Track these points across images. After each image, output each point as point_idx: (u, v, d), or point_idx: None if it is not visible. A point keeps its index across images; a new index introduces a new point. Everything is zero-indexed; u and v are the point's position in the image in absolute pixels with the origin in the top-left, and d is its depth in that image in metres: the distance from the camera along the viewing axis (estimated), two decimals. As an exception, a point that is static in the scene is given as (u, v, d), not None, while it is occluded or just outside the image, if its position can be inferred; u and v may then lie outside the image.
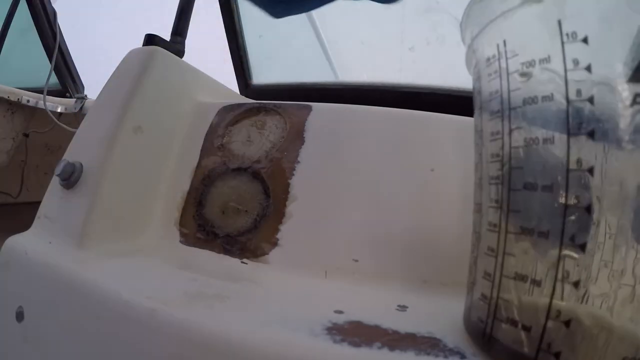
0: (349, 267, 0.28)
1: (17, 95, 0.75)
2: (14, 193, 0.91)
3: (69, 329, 0.24)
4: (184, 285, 0.24)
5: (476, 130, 0.19)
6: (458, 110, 0.31)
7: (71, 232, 0.28)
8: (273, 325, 0.20)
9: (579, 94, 0.14)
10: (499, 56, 0.17)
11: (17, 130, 0.80)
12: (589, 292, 0.14)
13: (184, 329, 0.20)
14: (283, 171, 0.32)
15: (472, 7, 0.19)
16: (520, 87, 0.16)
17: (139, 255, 0.29)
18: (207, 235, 0.32)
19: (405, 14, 0.69)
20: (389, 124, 0.32)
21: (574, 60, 0.14)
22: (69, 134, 0.35)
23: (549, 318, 0.14)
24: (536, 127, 0.15)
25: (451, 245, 0.27)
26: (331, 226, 0.30)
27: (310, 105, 0.35)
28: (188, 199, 0.34)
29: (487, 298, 0.17)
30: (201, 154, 0.36)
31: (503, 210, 0.16)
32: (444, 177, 0.29)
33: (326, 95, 0.42)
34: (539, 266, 0.15)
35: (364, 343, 0.18)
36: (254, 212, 0.32)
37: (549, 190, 0.14)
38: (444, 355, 0.17)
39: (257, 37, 0.67)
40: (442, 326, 0.20)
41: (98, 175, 0.29)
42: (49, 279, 0.26)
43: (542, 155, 0.15)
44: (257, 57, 0.65)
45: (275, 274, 0.28)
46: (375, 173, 0.30)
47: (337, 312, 0.21)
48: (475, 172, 0.20)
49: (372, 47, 0.78)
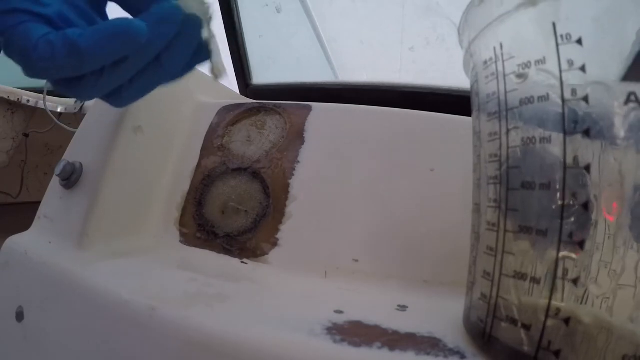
0: (349, 267, 0.28)
1: (17, 95, 0.75)
2: (14, 193, 0.91)
3: (69, 328, 0.24)
4: (184, 285, 0.24)
5: (475, 132, 0.20)
6: (458, 110, 0.31)
7: (71, 232, 0.28)
8: (273, 325, 0.20)
9: (574, 94, 0.14)
10: (496, 59, 0.17)
11: (17, 130, 0.80)
12: (588, 291, 0.14)
13: (183, 329, 0.20)
14: (283, 171, 0.32)
15: (469, 11, 0.19)
16: (517, 88, 0.16)
17: (139, 255, 0.29)
18: (207, 235, 0.32)
19: (405, 14, 0.69)
20: (389, 124, 0.32)
21: (568, 61, 0.14)
22: (69, 134, 0.35)
23: (549, 316, 0.14)
24: (533, 127, 0.15)
25: (451, 245, 0.27)
26: (331, 226, 0.30)
27: (310, 105, 0.35)
28: (188, 199, 0.34)
29: (486, 297, 0.17)
30: (201, 154, 0.36)
31: (502, 209, 0.16)
32: (444, 177, 0.29)
33: (326, 95, 0.42)
34: (538, 264, 0.15)
35: (364, 343, 0.18)
36: (254, 212, 0.32)
37: (547, 188, 0.15)
38: (444, 355, 0.17)
39: (257, 37, 0.67)
40: (442, 326, 0.20)
41: (98, 175, 0.30)
42: (48, 279, 0.26)
43: (539, 155, 0.15)
44: (257, 57, 0.65)
45: (275, 274, 0.28)
46: (375, 173, 0.30)
47: (337, 312, 0.21)
48: (474, 172, 0.20)
49: (372, 47, 0.78)
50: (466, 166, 0.21)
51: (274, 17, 0.76)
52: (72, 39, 0.19)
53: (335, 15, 0.84)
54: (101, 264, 0.26)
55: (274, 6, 0.75)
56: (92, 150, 0.31)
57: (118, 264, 0.27)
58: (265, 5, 0.73)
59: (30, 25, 0.19)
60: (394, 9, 0.70)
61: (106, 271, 0.26)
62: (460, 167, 0.28)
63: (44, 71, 0.20)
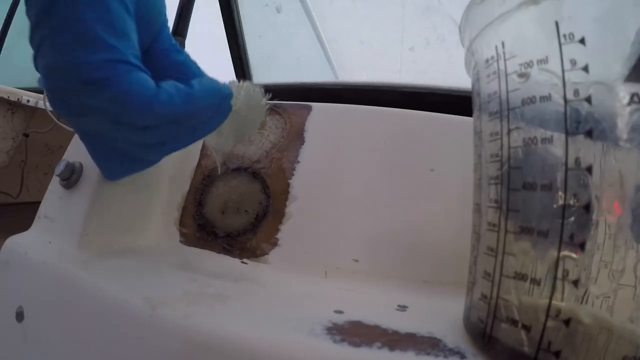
0: (349, 267, 0.28)
1: (17, 95, 0.75)
2: (14, 193, 0.91)
3: (69, 329, 0.24)
4: (184, 285, 0.24)
5: (475, 131, 0.20)
6: (458, 110, 0.31)
7: (71, 232, 0.28)
8: (273, 325, 0.20)
9: (577, 94, 0.14)
10: (498, 57, 0.17)
11: (17, 130, 0.80)
12: (588, 291, 0.14)
13: (183, 329, 0.20)
14: (283, 171, 0.32)
15: (470, 9, 0.19)
16: (519, 87, 0.16)
17: (139, 255, 0.29)
18: (207, 235, 0.32)
19: (405, 14, 0.69)
20: (389, 124, 0.32)
21: (571, 61, 0.14)
22: (69, 134, 0.35)
23: (549, 317, 0.14)
24: (534, 127, 0.15)
25: (451, 245, 0.27)
26: (331, 226, 0.30)
27: (310, 105, 0.35)
28: (188, 198, 0.34)
29: (487, 298, 0.17)
30: (201, 153, 0.36)
31: (502, 210, 0.16)
32: (444, 177, 0.29)
33: (326, 95, 0.42)
34: (539, 265, 0.15)
35: (364, 343, 0.18)
36: (254, 212, 0.32)
37: (548, 189, 0.15)
38: (444, 355, 0.17)
39: (257, 37, 0.67)
40: (442, 326, 0.20)
41: (98, 175, 0.29)
42: (48, 279, 0.26)
43: (541, 155, 0.15)
44: (257, 57, 0.65)
45: (275, 274, 0.28)
46: (375, 173, 0.30)
47: (337, 312, 0.21)
48: (475, 172, 0.20)
49: (372, 47, 0.78)
50: (466, 166, 0.21)
51: (274, 17, 0.76)
52: (184, 89, 0.21)
53: (335, 15, 0.84)
54: (101, 264, 0.26)
55: (274, 6, 0.75)
56: (92, 150, 0.31)
57: (118, 264, 0.27)
58: (265, 5, 0.73)
59: (140, 75, 0.20)
60: (394, 9, 0.71)
61: (106, 271, 0.25)
62: (460, 167, 0.28)
63: (156, 117, 0.20)
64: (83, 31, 0.18)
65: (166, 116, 0.21)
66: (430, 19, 0.65)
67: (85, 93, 0.19)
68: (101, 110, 0.20)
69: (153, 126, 0.21)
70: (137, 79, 0.20)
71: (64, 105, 0.20)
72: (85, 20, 0.18)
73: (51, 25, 0.18)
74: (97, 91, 0.19)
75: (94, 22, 0.18)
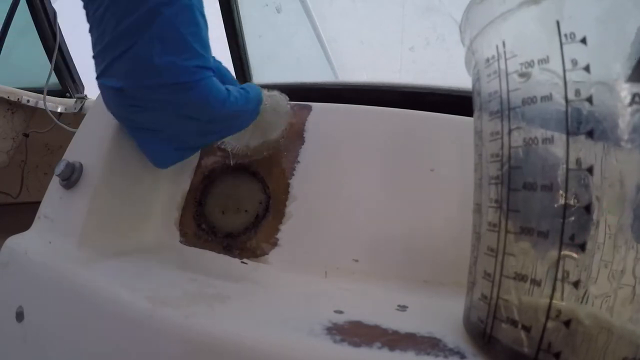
0: (349, 267, 0.28)
1: (17, 95, 0.75)
2: (14, 193, 0.91)
3: (69, 329, 0.24)
4: (184, 285, 0.24)
5: (476, 131, 0.20)
6: (458, 110, 0.31)
7: (71, 232, 0.28)
8: (273, 325, 0.20)
9: (578, 94, 0.14)
10: (498, 57, 0.17)
11: (17, 130, 0.80)
12: (588, 292, 0.14)
13: (184, 329, 0.20)
14: (283, 171, 0.32)
15: (471, 8, 0.19)
16: (520, 87, 0.16)
17: (139, 255, 0.29)
18: (207, 235, 0.32)
19: (405, 14, 0.69)
20: (389, 123, 0.32)
21: (572, 61, 0.14)
22: (69, 134, 0.35)
23: (549, 318, 0.14)
24: (535, 127, 0.15)
25: (451, 245, 0.27)
26: (331, 226, 0.30)
27: (310, 105, 0.35)
28: (188, 198, 0.34)
29: (487, 298, 0.17)
30: (201, 153, 0.36)
31: (503, 210, 0.16)
32: (444, 177, 0.29)
33: (326, 95, 0.42)
34: (539, 266, 0.15)
35: (364, 343, 0.18)
36: (254, 212, 0.32)
37: (549, 189, 0.15)
38: (444, 355, 0.17)
39: (257, 37, 0.67)
40: (442, 326, 0.20)
41: (98, 175, 0.29)
42: (49, 279, 0.26)
43: (542, 155, 0.15)
44: (257, 57, 0.65)
45: (275, 274, 0.28)
46: (375, 173, 0.30)
47: (337, 312, 0.21)
48: (475, 172, 0.20)
49: (372, 47, 0.78)
50: (466, 166, 0.21)
51: (274, 17, 0.76)
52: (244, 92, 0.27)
53: (335, 15, 0.85)
54: (101, 264, 0.26)
55: (274, 6, 0.75)
56: (92, 150, 0.31)
57: (118, 264, 0.27)
58: (265, 5, 0.73)
59: (215, 79, 0.25)
60: (394, 9, 0.71)
61: (106, 271, 0.25)
62: (460, 167, 0.28)
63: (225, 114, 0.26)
64: (180, 41, 0.22)
65: (231, 113, 0.26)
66: (430, 19, 0.65)
67: (172, 91, 0.23)
68: (174, 106, 0.24)
69: (218, 120, 0.26)
70: (216, 82, 0.24)
71: (135, 102, 0.24)
72: (181, 32, 0.22)
73: (150, 34, 0.22)
74: (182, 90, 0.23)
75: (188, 35, 0.22)
